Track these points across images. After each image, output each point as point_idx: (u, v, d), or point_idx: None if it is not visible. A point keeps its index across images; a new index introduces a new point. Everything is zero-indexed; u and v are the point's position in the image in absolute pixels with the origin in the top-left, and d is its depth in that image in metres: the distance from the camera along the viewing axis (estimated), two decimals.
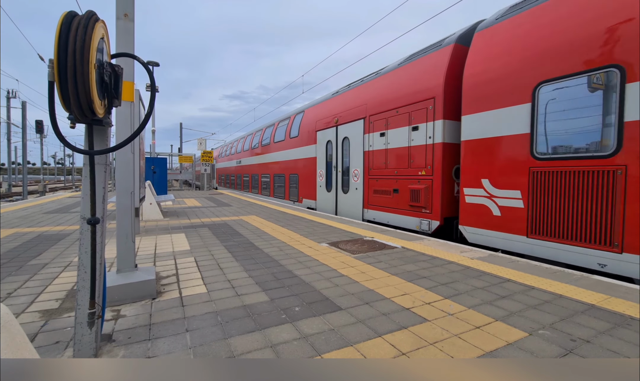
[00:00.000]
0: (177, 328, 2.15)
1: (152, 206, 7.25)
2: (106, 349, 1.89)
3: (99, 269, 1.76)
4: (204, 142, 22.85)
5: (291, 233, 5.63)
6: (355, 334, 2.09)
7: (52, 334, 2.07)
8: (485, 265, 3.64)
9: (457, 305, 2.56)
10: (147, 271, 2.79)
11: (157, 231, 5.71)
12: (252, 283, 3.05)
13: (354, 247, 4.55)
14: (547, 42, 4.10)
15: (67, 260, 3.80)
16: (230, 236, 5.31)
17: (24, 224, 6.24)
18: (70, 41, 1.31)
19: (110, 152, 1.73)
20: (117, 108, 2.63)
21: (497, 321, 2.29)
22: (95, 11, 1.46)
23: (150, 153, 18.25)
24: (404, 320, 2.30)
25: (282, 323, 2.23)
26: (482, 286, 2.97)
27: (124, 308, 2.45)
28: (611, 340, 2.02)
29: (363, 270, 3.46)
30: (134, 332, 2.09)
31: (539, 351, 1.90)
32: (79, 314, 1.72)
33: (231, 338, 2.02)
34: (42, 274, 3.26)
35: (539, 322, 2.27)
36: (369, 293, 2.81)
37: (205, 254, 4.12)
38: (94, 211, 1.70)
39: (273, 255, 4.09)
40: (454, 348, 1.93)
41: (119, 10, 2.53)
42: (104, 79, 1.56)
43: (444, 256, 4.06)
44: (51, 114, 1.44)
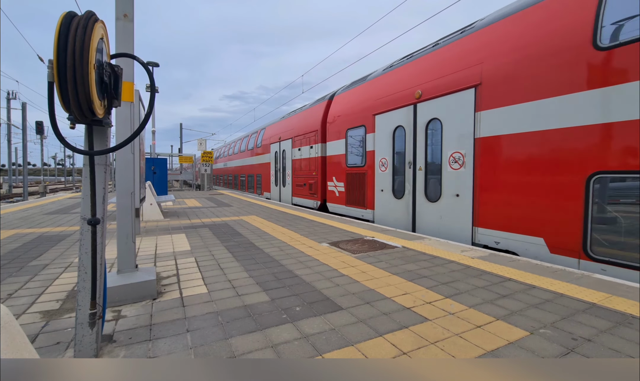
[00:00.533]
0: (177, 328, 2.15)
1: (152, 207, 7.25)
2: (107, 349, 1.89)
3: (100, 270, 1.76)
4: (204, 143, 22.85)
5: (292, 233, 5.63)
6: (356, 334, 2.08)
7: (53, 335, 2.07)
8: (486, 264, 3.64)
9: (458, 304, 2.55)
10: (147, 272, 2.79)
11: (158, 232, 5.71)
12: (253, 283, 3.05)
13: (354, 247, 4.55)
14: (349, 108, 8.43)
15: (68, 261, 3.81)
16: (230, 236, 5.31)
17: (25, 225, 6.24)
18: (70, 42, 1.30)
19: (110, 153, 1.73)
20: (117, 108, 2.63)
21: (498, 320, 2.28)
22: (94, 12, 1.45)
23: (151, 154, 18.26)
24: (404, 319, 2.30)
25: (283, 323, 2.23)
26: (482, 286, 2.97)
27: (125, 308, 2.45)
28: (612, 339, 2.02)
29: (364, 270, 3.46)
30: (134, 332, 2.09)
31: (540, 350, 1.90)
32: (80, 315, 1.72)
33: (232, 338, 2.02)
34: (43, 275, 3.26)
35: (540, 321, 2.26)
36: (369, 292, 2.81)
37: (205, 255, 4.12)
38: (94, 211, 1.70)
39: (274, 255, 4.09)
40: (455, 348, 1.92)
41: (119, 11, 2.53)
42: (104, 80, 1.56)
43: (444, 255, 4.05)
44: (51, 114, 1.44)
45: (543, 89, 4.10)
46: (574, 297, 2.69)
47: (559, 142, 3.95)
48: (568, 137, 3.86)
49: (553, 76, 4.00)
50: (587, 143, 3.68)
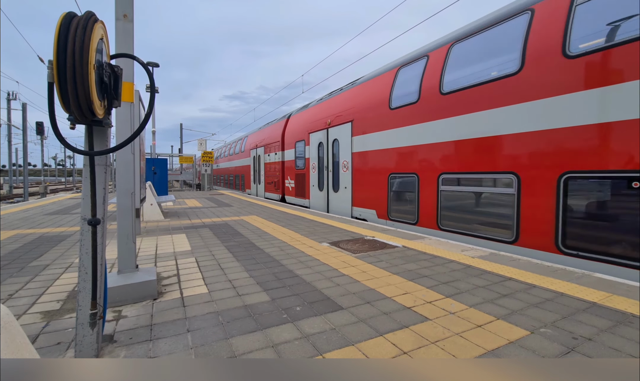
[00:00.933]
0: (178, 328, 2.16)
1: (152, 207, 7.26)
2: (108, 349, 1.89)
3: (100, 270, 1.76)
4: (204, 143, 22.85)
5: (292, 232, 5.63)
6: (357, 333, 2.09)
7: (54, 335, 2.07)
8: (487, 264, 3.64)
9: (459, 304, 2.55)
10: (148, 272, 2.79)
11: (158, 232, 5.71)
12: (253, 283, 3.05)
13: (354, 246, 4.55)
14: (297, 126, 11.32)
15: (68, 261, 3.81)
16: (231, 236, 5.31)
17: (25, 226, 6.25)
18: (70, 42, 1.30)
19: (110, 153, 1.73)
20: (117, 109, 2.63)
21: (498, 319, 2.28)
22: (94, 12, 1.46)
23: (151, 154, 18.26)
24: (405, 319, 2.30)
25: (283, 322, 2.23)
26: (483, 285, 2.97)
27: (125, 308, 2.45)
28: (613, 338, 2.02)
29: (364, 269, 3.46)
30: (135, 333, 2.09)
31: (541, 349, 1.90)
32: (80, 315, 1.72)
33: (232, 338, 2.02)
34: (44, 276, 3.27)
35: (540, 320, 2.26)
36: (370, 292, 2.81)
37: (206, 255, 4.12)
38: (95, 211, 1.70)
39: (274, 255, 4.09)
40: (455, 347, 1.92)
41: (118, 11, 2.53)
42: (104, 80, 1.56)
43: (445, 255, 4.05)
44: (51, 115, 1.44)
45: (377, 125, 7.12)
46: (575, 296, 2.68)
47: (378, 157, 7.15)
48: (385, 155, 6.91)
49: (379, 118, 7.06)
50: (388, 157, 6.80)
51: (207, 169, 21.27)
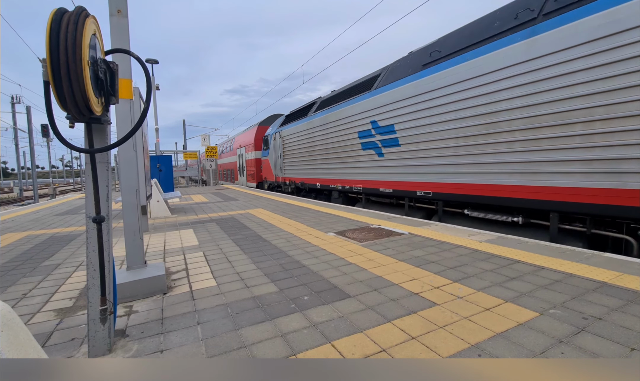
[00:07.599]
0: (188, 321, 2.18)
1: (159, 204, 7.32)
2: (120, 344, 1.93)
3: (108, 267, 1.78)
4: (207, 138, 22.86)
5: (298, 224, 5.65)
6: (365, 320, 2.09)
7: (68, 331, 2.12)
8: (494, 247, 3.60)
9: (467, 288, 2.54)
10: (156, 267, 2.83)
11: (166, 228, 5.77)
12: (261, 274, 3.07)
13: (361, 235, 4.54)
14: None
15: (79, 260, 3.87)
16: (237, 230, 5.35)
17: (36, 227, 6.37)
18: (62, 38, 1.28)
19: (110, 150, 1.72)
20: (117, 107, 2.62)
21: (507, 302, 2.27)
22: (85, 7, 1.43)
23: (156, 151, 18.34)
24: (413, 304, 2.29)
25: (291, 312, 2.25)
26: (491, 269, 2.95)
27: (136, 303, 2.49)
28: (624, 317, 1.99)
29: (371, 257, 3.45)
30: (146, 327, 2.13)
31: (551, 330, 1.88)
32: (91, 311, 1.75)
33: (242, 329, 2.04)
34: (56, 275, 3.33)
35: (549, 302, 2.24)
36: (377, 279, 2.81)
37: (213, 249, 4.16)
38: (99, 209, 1.71)
39: (281, 246, 4.11)
40: (464, 331, 1.92)
41: (112, 7, 2.50)
42: (99, 76, 1.55)
43: (452, 240, 4.03)
44: (49, 114, 1.43)
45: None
46: (584, 277, 2.65)
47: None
48: None
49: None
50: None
51: (212, 164, 21.37)
